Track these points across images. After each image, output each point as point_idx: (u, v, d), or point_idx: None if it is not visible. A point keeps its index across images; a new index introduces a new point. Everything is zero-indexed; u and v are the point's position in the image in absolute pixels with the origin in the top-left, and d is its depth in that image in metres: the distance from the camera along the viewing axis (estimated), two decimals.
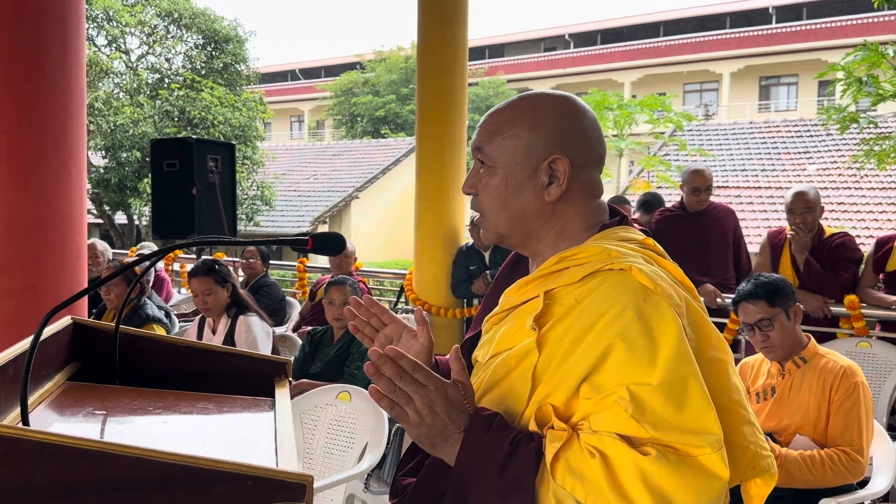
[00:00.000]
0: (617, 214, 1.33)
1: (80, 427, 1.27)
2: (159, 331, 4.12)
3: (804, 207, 4.24)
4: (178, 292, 7.16)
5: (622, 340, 1.09)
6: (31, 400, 1.27)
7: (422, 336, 1.39)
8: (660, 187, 14.74)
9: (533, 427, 1.14)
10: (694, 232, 4.70)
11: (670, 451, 1.05)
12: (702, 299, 1.28)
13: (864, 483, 2.60)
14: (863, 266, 4.38)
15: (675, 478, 1.03)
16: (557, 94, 1.31)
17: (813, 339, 2.75)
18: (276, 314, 5.78)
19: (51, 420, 1.26)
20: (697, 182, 4.71)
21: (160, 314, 4.45)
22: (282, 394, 1.46)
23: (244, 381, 1.51)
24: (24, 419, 1.05)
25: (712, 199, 4.82)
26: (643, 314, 1.11)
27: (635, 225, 1.37)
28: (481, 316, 1.40)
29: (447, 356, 1.39)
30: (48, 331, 1.35)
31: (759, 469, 1.25)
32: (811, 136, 17.94)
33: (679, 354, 1.10)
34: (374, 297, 1.49)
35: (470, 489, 1.11)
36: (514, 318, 1.25)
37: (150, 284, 5.56)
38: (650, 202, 5.46)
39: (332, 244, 1.39)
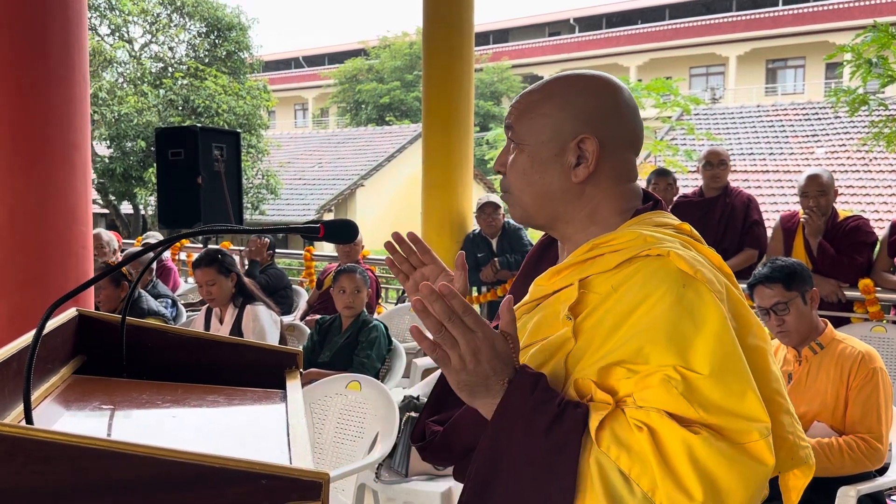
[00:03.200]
0: (650, 199, 1.28)
1: (88, 422, 1.24)
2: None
3: (818, 190, 4.18)
4: (185, 281, 7.14)
5: (663, 326, 1.05)
6: (36, 394, 1.24)
7: (458, 281, 1.39)
8: None
9: (574, 396, 1.09)
10: (711, 218, 4.70)
11: (719, 435, 1.01)
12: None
13: (883, 470, 2.56)
14: (877, 249, 4.33)
15: (724, 461, 0.99)
16: (591, 73, 1.27)
17: (830, 325, 2.70)
18: (282, 302, 5.76)
19: (57, 415, 1.23)
20: (710, 157, 4.81)
21: (159, 307, 4.40)
22: (293, 386, 1.43)
23: (254, 372, 1.48)
24: (28, 416, 1.02)
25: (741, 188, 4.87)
26: (683, 300, 1.07)
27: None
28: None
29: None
30: (53, 323, 1.32)
31: (798, 460, 1.22)
32: (819, 118, 17.80)
33: (724, 339, 1.06)
34: (382, 286, 1.47)
35: (507, 446, 1.06)
36: (546, 307, 1.21)
37: (156, 275, 5.55)
38: (662, 170, 5.35)
39: (345, 231, 1.35)
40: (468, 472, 1.10)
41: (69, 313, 1.43)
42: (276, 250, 6.21)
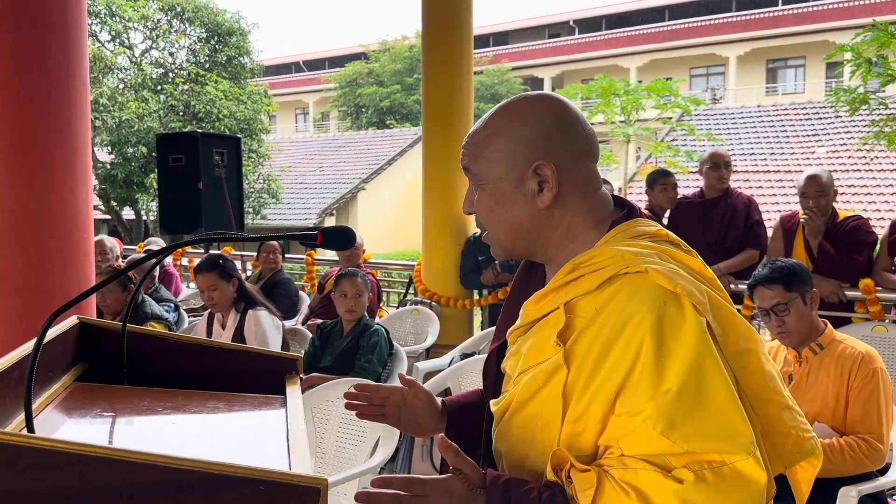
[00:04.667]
0: (624, 206, 1.29)
1: (89, 430, 1.25)
2: (161, 328, 4.08)
3: (817, 191, 4.18)
4: (187, 287, 7.15)
5: (646, 349, 1.07)
6: (38, 402, 1.25)
7: (418, 391, 1.47)
8: None
9: (550, 474, 1.11)
10: (713, 219, 4.71)
11: (706, 466, 1.03)
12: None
13: (884, 470, 2.56)
14: (877, 249, 4.33)
15: (718, 497, 1.02)
16: (532, 96, 1.28)
17: (830, 326, 2.71)
18: (293, 311, 5.79)
19: (59, 423, 1.24)
20: (716, 158, 4.80)
21: (161, 311, 4.41)
22: (293, 391, 1.44)
23: (254, 378, 1.49)
24: (29, 425, 1.03)
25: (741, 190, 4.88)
26: (664, 319, 1.09)
27: (646, 212, 1.33)
28: (504, 325, 1.38)
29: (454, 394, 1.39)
30: (54, 331, 1.33)
31: (804, 452, 1.24)
32: (820, 118, 17.80)
33: (699, 357, 1.07)
34: (383, 290, 1.50)
35: None
36: (537, 331, 1.22)
37: (158, 280, 5.56)
38: (665, 170, 5.33)
39: (342, 238, 1.36)
40: None
41: (70, 321, 1.44)
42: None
